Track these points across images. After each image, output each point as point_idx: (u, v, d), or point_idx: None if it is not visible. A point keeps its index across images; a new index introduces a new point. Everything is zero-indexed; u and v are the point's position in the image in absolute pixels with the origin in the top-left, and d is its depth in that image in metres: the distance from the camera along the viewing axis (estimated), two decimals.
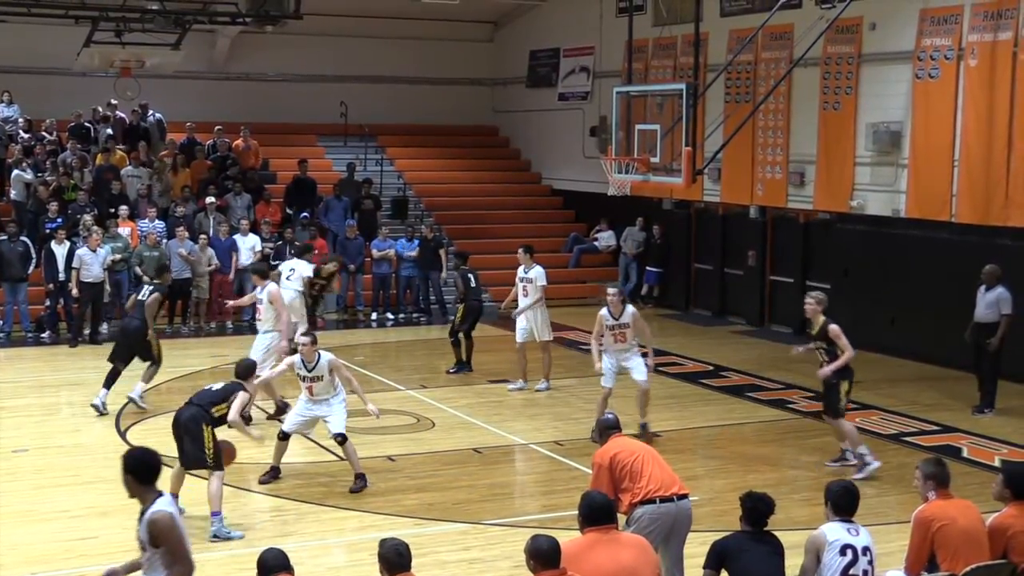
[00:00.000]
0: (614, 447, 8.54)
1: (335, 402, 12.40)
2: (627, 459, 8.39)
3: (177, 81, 25.92)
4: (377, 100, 28.64)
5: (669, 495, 8.35)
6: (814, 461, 13.53)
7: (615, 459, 8.41)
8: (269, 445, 12.58)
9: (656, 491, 8.31)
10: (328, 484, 12.43)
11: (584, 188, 26.31)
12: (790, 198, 21.42)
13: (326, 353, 12.41)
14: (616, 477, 8.33)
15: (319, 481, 12.55)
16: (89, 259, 20.03)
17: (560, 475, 12.88)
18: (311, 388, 12.33)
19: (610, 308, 13.99)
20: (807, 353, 13.56)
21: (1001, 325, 15.50)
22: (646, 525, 8.24)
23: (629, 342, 14.04)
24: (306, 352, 12.22)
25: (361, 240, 23.17)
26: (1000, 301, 15.52)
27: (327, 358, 12.28)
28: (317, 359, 12.21)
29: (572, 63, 27.68)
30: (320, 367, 12.21)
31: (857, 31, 19.69)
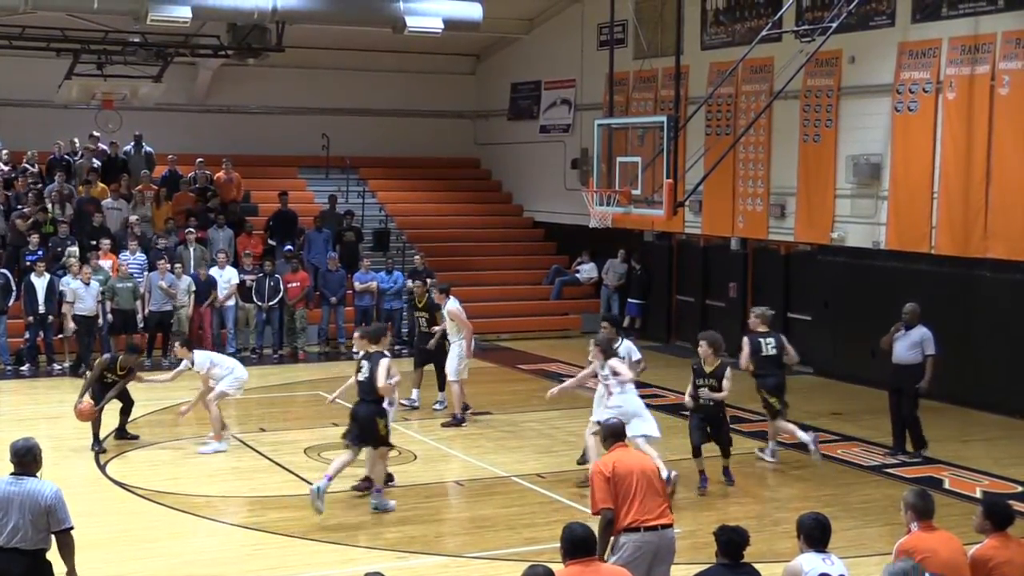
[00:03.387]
0: (614, 458, 8.53)
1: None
2: (625, 477, 8.37)
3: (159, 113, 25.95)
4: (359, 132, 28.69)
5: (654, 524, 8.34)
6: (795, 493, 13.52)
7: (615, 472, 8.38)
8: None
9: (642, 519, 8.30)
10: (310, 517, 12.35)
11: (566, 220, 26.37)
12: (771, 230, 21.50)
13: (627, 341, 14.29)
14: (613, 491, 8.31)
15: (301, 514, 12.48)
16: (82, 292, 20.01)
17: (542, 507, 12.84)
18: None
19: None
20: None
21: (928, 366, 14.86)
22: (630, 554, 8.22)
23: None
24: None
25: (343, 272, 23.17)
26: (924, 341, 14.92)
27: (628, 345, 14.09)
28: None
29: (553, 95, 27.79)
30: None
31: (837, 64, 19.83)
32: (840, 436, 16.36)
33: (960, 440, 15.98)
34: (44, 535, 7.81)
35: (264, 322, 22.37)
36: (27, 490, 7.81)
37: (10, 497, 7.78)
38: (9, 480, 7.90)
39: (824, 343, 20.77)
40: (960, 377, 17.30)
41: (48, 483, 7.94)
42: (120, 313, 20.52)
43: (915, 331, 15.00)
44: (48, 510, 7.78)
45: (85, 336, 20.16)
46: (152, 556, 11.26)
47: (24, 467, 7.94)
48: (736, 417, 17.40)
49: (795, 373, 20.81)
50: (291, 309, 22.37)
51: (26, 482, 7.86)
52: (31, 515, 7.75)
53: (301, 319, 22.50)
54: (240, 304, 22.15)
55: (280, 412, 18.02)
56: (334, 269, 23.06)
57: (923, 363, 14.90)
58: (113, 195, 23.65)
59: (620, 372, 12.68)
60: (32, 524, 7.74)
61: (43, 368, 20.47)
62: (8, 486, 7.85)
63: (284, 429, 16.67)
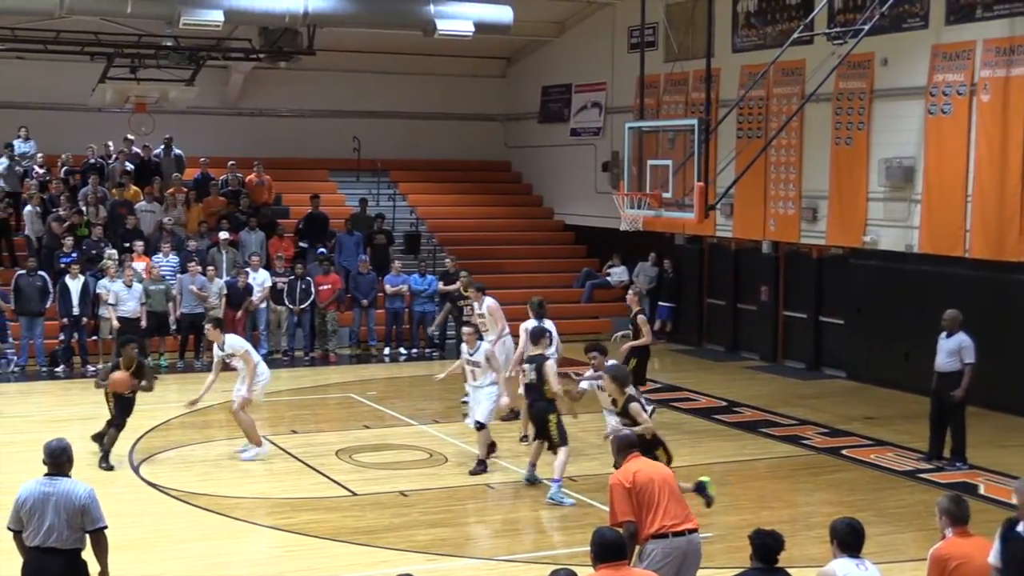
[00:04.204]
0: (633, 468, 8.48)
1: (484, 389, 14.29)
2: (646, 485, 8.34)
3: (191, 117, 26.05)
4: (390, 135, 28.75)
5: (681, 530, 8.31)
6: (829, 498, 13.45)
7: (636, 482, 8.35)
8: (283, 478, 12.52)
9: (670, 525, 8.27)
10: (340, 520, 12.39)
11: (596, 223, 26.32)
12: (803, 233, 21.39)
13: (485, 343, 14.66)
14: (635, 502, 8.28)
15: (332, 516, 12.51)
16: (124, 295, 20.13)
17: (574, 511, 12.82)
18: (474, 372, 14.34)
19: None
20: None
21: (965, 375, 14.60)
22: (659, 560, 8.19)
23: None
24: (469, 340, 14.41)
25: (374, 275, 23.21)
26: (962, 349, 14.57)
27: (486, 347, 14.52)
28: (477, 348, 14.35)
29: (584, 99, 27.76)
30: (478, 355, 14.29)
31: (869, 67, 19.72)
32: (873, 440, 16.26)
33: (996, 445, 15.83)
34: (79, 535, 7.86)
35: (295, 324, 22.43)
36: (62, 490, 7.86)
37: (46, 497, 7.84)
38: (44, 481, 7.95)
39: (857, 347, 20.66)
40: (996, 382, 17.12)
41: (82, 483, 7.99)
42: (153, 315, 20.65)
43: (954, 338, 14.71)
44: (82, 509, 7.83)
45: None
46: (184, 557, 11.31)
47: (58, 467, 7.99)
48: (767, 421, 17.39)
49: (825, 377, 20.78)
50: (322, 312, 22.42)
51: (60, 482, 7.91)
52: (66, 515, 7.80)
53: (332, 321, 22.55)
54: (271, 307, 22.22)
55: (311, 414, 18.06)
56: (365, 272, 23.11)
57: (962, 371, 14.63)
58: (146, 198, 23.78)
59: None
60: (67, 524, 7.80)
61: (77, 370, 20.59)
62: (43, 486, 7.91)
63: (315, 432, 16.72)
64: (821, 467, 14.88)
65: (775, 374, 21.42)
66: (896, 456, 15.36)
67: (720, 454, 15.50)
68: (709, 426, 17.20)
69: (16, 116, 25.03)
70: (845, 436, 16.51)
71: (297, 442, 15.86)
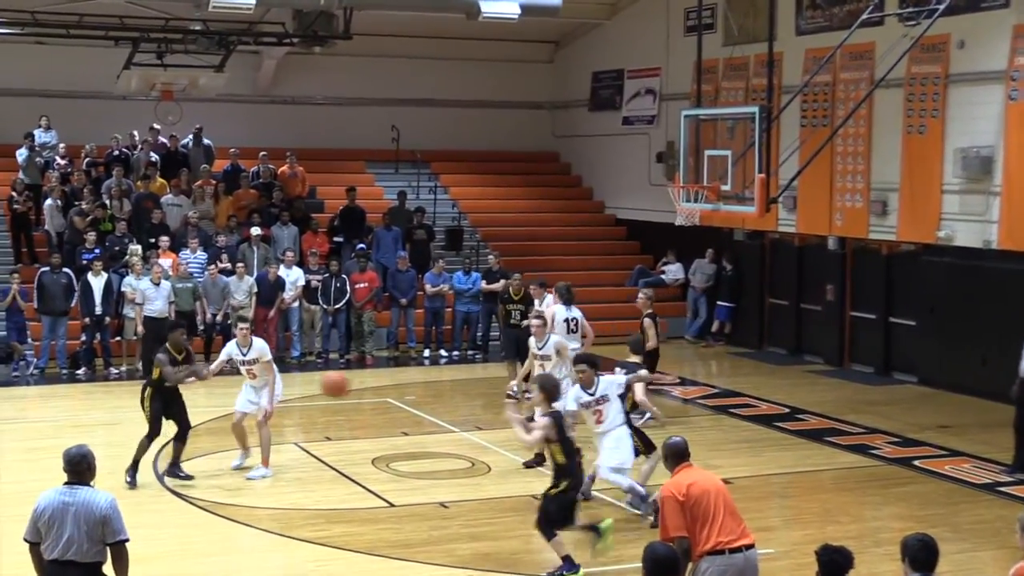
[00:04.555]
0: (687, 479, 8.40)
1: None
2: (701, 498, 8.26)
3: (220, 105, 26.19)
4: (430, 124, 28.78)
5: (738, 546, 8.24)
6: (899, 512, 13.32)
7: (689, 495, 8.27)
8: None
9: (726, 542, 8.20)
10: (377, 532, 12.39)
11: (650, 218, 26.23)
12: (872, 228, 21.22)
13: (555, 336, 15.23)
14: (689, 516, 8.20)
15: (368, 528, 12.51)
16: (152, 293, 20.24)
17: (625, 524, 12.74)
18: (543, 366, 14.61)
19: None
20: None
21: None
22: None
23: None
24: (538, 333, 14.87)
25: (413, 272, 23.22)
26: None
27: (555, 339, 15.07)
28: (546, 340, 14.88)
29: (637, 85, 27.67)
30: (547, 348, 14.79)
31: (944, 49, 19.51)
32: (948, 451, 16.09)
33: None
34: (99, 547, 7.88)
35: (330, 325, 22.49)
36: (81, 500, 7.88)
37: (64, 507, 7.85)
38: (63, 490, 7.97)
39: (930, 350, 20.46)
40: None
41: (103, 492, 8.01)
42: (179, 315, 20.67)
43: None
44: (103, 520, 7.84)
45: (152, 340, 20.32)
46: (212, 571, 11.35)
47: (78, 475, 8.01)
48: (833, 429, 17.26)
49: (895, 382, 20.61)
50: (358, 311, 22.46)
51: (80, 491, 7.93)
52: (86, 526, 7.81)
53: (369, 322, 22.59)
54: (305, 306, 22.28)
55: (346, 420, 18.10)
56: (404, 269, 23.13)
57: None
58: (173, 191, 23.93)
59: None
60: (87, 535, 7.81)
61: (100, 372, 20.75)
62: (62, 496, 7.93)
63: (350, 439, 16.75)
64: (891, 479, 14.75)
65: (841, 379, 21.26)
66: (973, 468, 15.19)
67: (782, 464, 15.39)
68: (770, 434, 17.09)
69: (37, 105, 25.29)
70: (917, 446, 16.35)
71: (331, 450, 15.89)
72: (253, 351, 14.72)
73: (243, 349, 14.73)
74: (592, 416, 12.42)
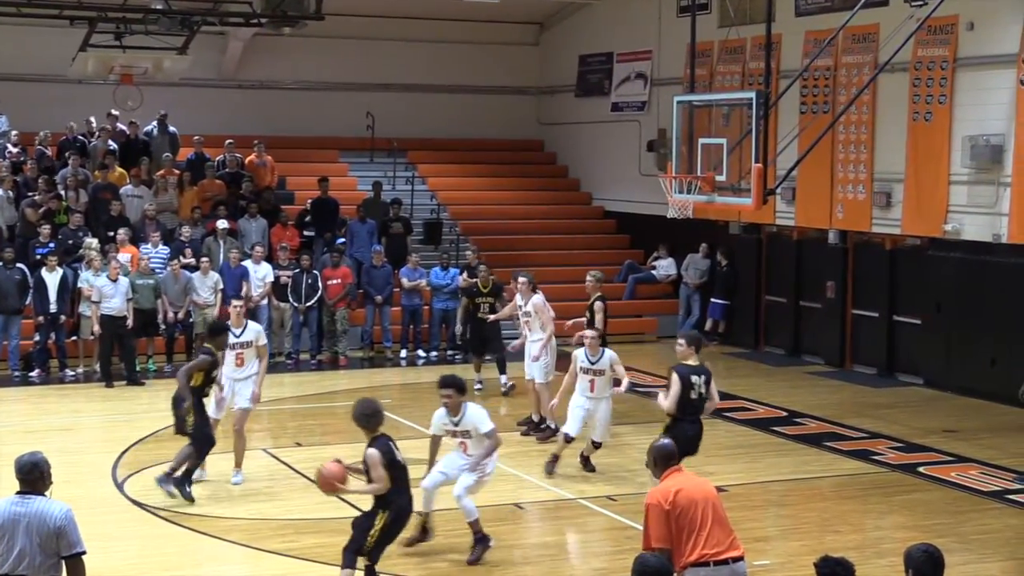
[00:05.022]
0: (674, 486, 8.40)
1: (606, 404, 14.80)
2: (688, 507, 8.27)
3: (183, 89, 26.16)
4: (407, 111, 28.79)
5: (724, 558, 8.27)
6: (903, 521, 13.38)
7: (676, 504, 8.29)
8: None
9: (711, 554, 8.22)
10: None
11: (640, 210, 26.27)
12: (875, 221, 21.29)
13: (610, 351, 14.79)
14: (674, 526, 8.22)
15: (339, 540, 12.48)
16: (109, 290, 20.19)
17: (613, 534, 12.80)
18: (592, 383, 14.64)
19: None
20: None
21: None
22: None
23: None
24: (592, 346, 14.73)
25: (389, 268, 23.23)
26: None
27: (610, 354, 14.72)
28: (601, 355, 14.69)
29: (627, 69, 27.71)
30: (602, 362, 14.63)
31: (952, 31, 19.59)
32: (955, 457, 16.16)
33: None
34: (54, 561, 7.85)
35: (301, 324, 22.49)
36: (34, 510, 7.85)
37: (15, 519, 7.82)
38: (14, 500, 7.94)
39: (936, 351, 20.54)
40: None
41: (58, 502, 7.98)
42: (140, 313, 20.67)
43: None
44: (58, 532, 7.82)
45: (110, 340, 20.32)
46: None
47: (30, 485, 7.98)
48: (833, 434, 17.33)
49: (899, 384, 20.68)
50: (331, 309, 22.47)
51: (33, 501, 7.91)
52: (39, 538, 7.79)
53: (342, 320, 22.59)
54: (275, 304, 22.26)
55: (318, 425, 18.10)
56: (379, 264, 23.13)
57: None
58: (133, 181, 23.87)
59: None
60: (40, 548, 7.79)
61: (54, 374, 20.70)
62: (13, 506, 7.89)
63: (322, 444, 16.73)
64: (895, 486, 14.81)
65: (842, 381, 21.34)
66: (981, 475, 15.27)
67: (779, 471, 15.45)
68: (767, 439, 17.14)
69: None
70: (922, 451, 16.43)
71: (302, 456, 15.88)
72: (249, 332, 14.57)
73: (235, 330, 14.52)
74: (459, 447, 12.05)
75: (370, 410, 10.72)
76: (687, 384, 12.48)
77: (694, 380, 12.57)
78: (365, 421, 10.67)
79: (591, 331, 15.27)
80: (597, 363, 14.72)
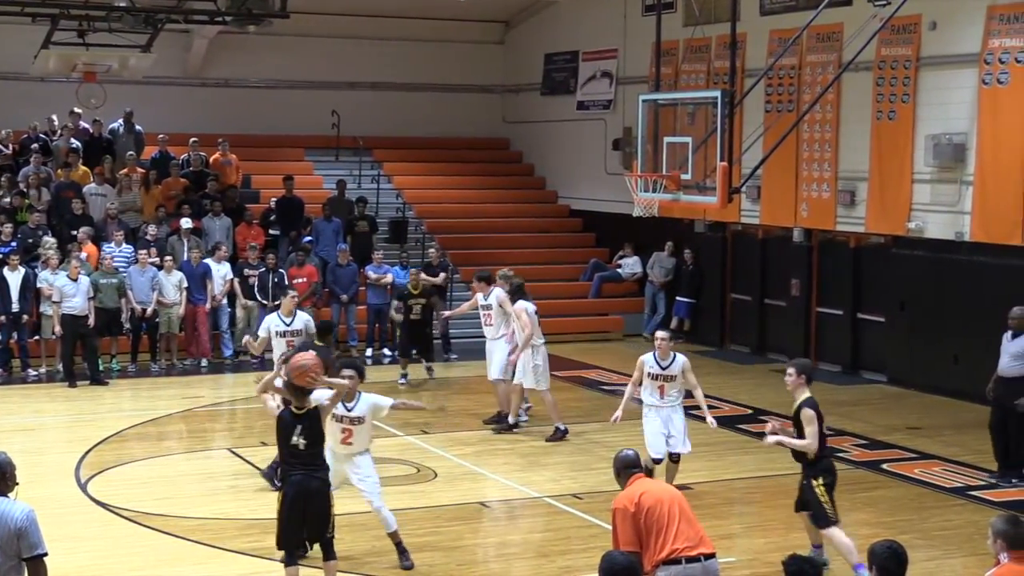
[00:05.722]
0: (638, 490, 8.44)
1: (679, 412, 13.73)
2: (654, 507, 8.30)
3: (148, 88, 26.04)
4: (373, 109, 28.73)
5: (696, 555, 8.29)
6: (867, 518, 13.43)
7: (641, 505, 8.31)
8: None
9: (682, 549, 8.24)
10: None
11: (606, 208, 26.31)
12: (839, 220, 21.37)
13: (681, 355, 13.74)
14: (642, 527, 8.24)
15: None
16: (70, 289, 20.03)
17: (579, 532, 12.80)
18: (662, 388, 13.59)
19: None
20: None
21: None
22: None
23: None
24: (663, 348, 13.56)
25: (354, 266, 23.17)
26: None
27: (682, 359, 13.65)
28: (672, 359, 13.58)
29: (592, 68, 27.73)
30: (674, 366, 13.57)
31: (915, 31, 19.68)
32: (918, 454, 16.24)
33: None
34: (14, 563, 7.78)
35: None
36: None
37: None
38: None
39: (899, 348, 20.64)
40: None
41: (20, 503, 7.92)
42: (103, 312, 20.53)
43: (1021, 339, 14.59)
44: (18, 533, 7.75)
45: (72, 339, 20.17)
46: None
47: None
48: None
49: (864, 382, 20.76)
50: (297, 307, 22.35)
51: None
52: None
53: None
54: (242, 302, 22.13)
55: None
56: (345, 263, 23.07)
57: None
58: (96, 179, 23.72)
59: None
60: (1, 550, 7.73)
61: (17, 374, 20.53)
62: None
63: None
64: (859, 483, 14.84)
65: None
66: (944, 471, 15.34)
67: (744, 468, 15.48)
68: (732, 437, 17.16)
69: None
70: (886, 448, 16.50)
71: (268, 455, 15.76)
72: (298, 321, 15.01)
73: (286, 319, 14.82)
74: (341, 434, 11.29)
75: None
76: (820, 418, 11.31)
77: (820, 412, 11.38)
78: (297, 392, 10.24)
79: (663, 331, 14.02)
80: (668, 367, 13.61)
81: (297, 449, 10.20)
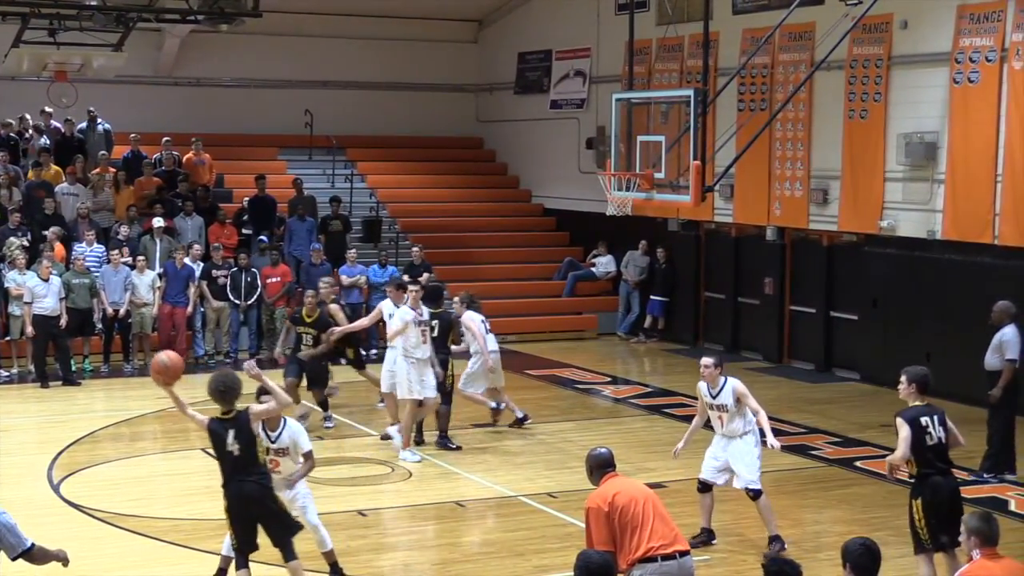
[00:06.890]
0: (612, 489, 8.44)
1: (741, 441, 12.17)
2: (628, 506, 8.30)
3: (119, 87, 25.94)
4: (346, 108, 28.68)
5: (671, 552, 8.30)
6: (840, 516, 13.47)
7: (614, 504, 8.31)
8: None
9: (658, 547, 8.25)
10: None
11: (579, 207, 26.31)
12: (812, 218, 21.43)
13: (733, 380, 12.19)
14: (616, 526, 8.24)
15: None
16: (41, 290, 19.91)
17: (554, 531, 12.80)
18: (721, 418, 12.20)
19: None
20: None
21: (1003, 374, 14.50)
22: None
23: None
24: (709, 376, 12.09)
25: (328, 266, 23.10)
26: (1003, 344, 14.48)
27: (733, 384, 12.09)
28: (722, 385, 12.10)
29: (566, 66, 27.73)
30: (724, 395, 12.11)
31: (887, 30, 19.75)
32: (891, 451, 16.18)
33: None
34: None
35: (240, 322, 22.33)
36: None
37: None
38: None
39: (872, 345, 20.70)
40: None
41: None
42: (76, 312, 20.40)
43: (997, 334, 14.69)
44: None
45: (44, 340, 20.05)
46: None
47: None
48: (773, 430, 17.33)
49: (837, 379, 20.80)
50: (270, 308, 22.33)
51: None
52: None
53: (282, 319, 22.38)
54: (215, 304, 22.05)
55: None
56: (318, 263, 23.00)
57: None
58: (68, 179, 23.60)
59: None
60: None
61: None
62: None
63: None
64: (832, 481, 14.90)
65: (780, 376, 21.44)
66: None
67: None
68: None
69: None
70: (859, 446, 16.54)
71: None
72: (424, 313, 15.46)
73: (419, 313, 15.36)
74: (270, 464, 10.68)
75: (223, 385, 9.99)
76: (918, 428, 10.65)
77: (924, 422, 10.68)
78: (219, 396, 10.00)
79: (708, 358, 12.40)
80: (718, 396, 12.23)
81: (232, 455, 9.99)
